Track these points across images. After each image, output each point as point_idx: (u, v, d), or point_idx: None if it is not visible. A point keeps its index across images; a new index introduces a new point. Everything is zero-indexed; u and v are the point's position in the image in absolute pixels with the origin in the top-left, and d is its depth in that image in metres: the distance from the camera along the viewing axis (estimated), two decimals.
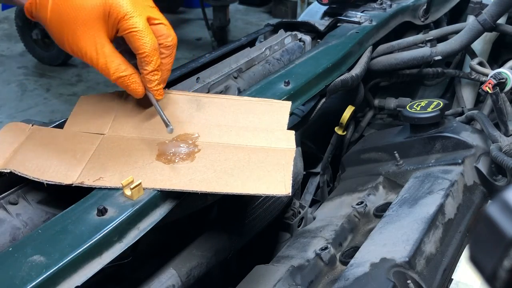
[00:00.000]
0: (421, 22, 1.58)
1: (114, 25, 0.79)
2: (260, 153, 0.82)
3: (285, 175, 0.76)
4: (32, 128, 0.86)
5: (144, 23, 0.80)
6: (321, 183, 1.45)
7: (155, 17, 0.83)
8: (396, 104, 1.55)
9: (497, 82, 1.14)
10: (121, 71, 0.81)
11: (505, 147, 1.08)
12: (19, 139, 0.84)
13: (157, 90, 0.86)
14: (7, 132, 0.85)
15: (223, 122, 0.90)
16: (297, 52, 1.34)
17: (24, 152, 0.81)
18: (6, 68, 4.06)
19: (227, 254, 0.97)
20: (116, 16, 0.78)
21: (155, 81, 0.84)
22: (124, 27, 0.79)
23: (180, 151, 0.82)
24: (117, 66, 0.80)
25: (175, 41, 0.86)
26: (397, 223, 0.99)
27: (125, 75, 0.81)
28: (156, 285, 0.83)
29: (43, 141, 0.84)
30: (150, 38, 0.80)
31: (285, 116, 0.92)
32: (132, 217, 0.70)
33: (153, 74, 0.83)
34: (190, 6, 5.19)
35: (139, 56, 0.81)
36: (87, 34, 0.78)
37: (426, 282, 0.88)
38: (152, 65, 0.82)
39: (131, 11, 0.78)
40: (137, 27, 0.79)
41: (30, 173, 0.76)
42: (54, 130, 0.88)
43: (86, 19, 0.77)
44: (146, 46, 0.80)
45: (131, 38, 0.80)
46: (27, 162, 0.78)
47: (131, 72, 0.82)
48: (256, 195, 0.78)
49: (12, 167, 0.77)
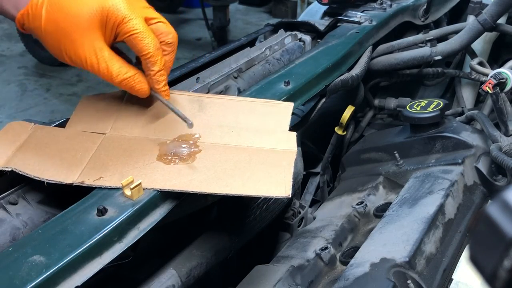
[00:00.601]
0: (421, 22, 1.58)
1: (113, 30, 0.79)
2: (261, 154, 0.82)
3: (285, 176, 0.76)
4: (34, 127, 0.86)
5: (144, 24, 0.80)
6: (321, 183, 1.45)
7: (152, 16, 0.83)
8: (396, 104, 1.54)
9: (497, 82, 1.14)
10: (124, 73, 0.80)
11: (505, 147, 1.08)
12: (21, 138, 0.84)
13: (165, 91, 0.85)
14: (10, 130, 0.85)
15: (224, 122, 0.90)
16: (297, 52, 1.34)
17: (26, 151, 0.81)
18: (6, 68, 4.06)
19: (227, 254, 0.97)
20: (114, 21, 0.78)
21: (162, 81, 0.84)
22: (125, 31, 0.79)
23: (181, 152, 0.82)
24: (119, 69, 0.80)
25: (176, 38, 0.86)
26: (397, 223, 0.99)
27: (129, 76, 0.81)
28: (156, 285, 0.83)
29: (44, 140, 0.84)
30: (152, 38, 0.80)
31: (287, 117, 0.92)
32: (132, 217, 0.70)
33: (160, 74, 0.83)
34: (190, 6, 5.19)
35: (144, 57, 0.81)
36: (85, 41, 0.77)
37: (426, 282, 0.88)
38: (158, 65, 0.82)
39: (129, 14, 0.78)
40: (137, 29, 0.78)
41: (31, 172, 0.76)
42: (56, 129, 0.88)
43: (83, 26, 0.77)
44: (150, 47, 0.80)
45: (133, 40, 0.79)
46: (28, 160, 0.78)
47: (134, 73, 0.82)
48: (256, 197, 0.78)
49: (13, 165, 0.77)
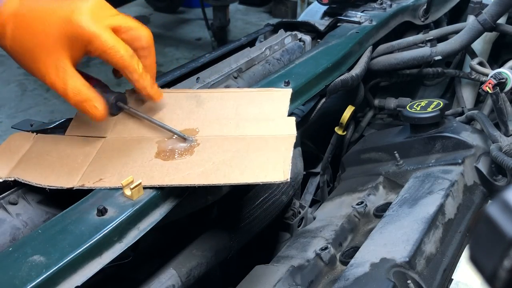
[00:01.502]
0: (421, 22, 1.58)
1: (82, 48, 0.76)
2: (259, 142, 0.82)
3: (284, 161, 0.76)
4: (36, 137, 0.87)
5: (113, 38, 0.77)
6: (321, 183, 1.45)
7: (120, 24, 0.80)
8: (396, 104, 1.54)
9: (497, 82, 1.14)
10: (80, 96, 0.77)
11: (505, 147, 1.08)
12: (23, 149, 0.84)
13: (154, 93, 0.85)
14: (12, 142, 0.86)
15: (222, 115, 0.90)
16: (297, 52, 1.34)
17: (28, 160, 0.82)
18: (6, 68, 4.06)
19: (227, 254, 0.97)
20: (82, 40, 0.75)
21: (146, 86, 0.83)
22: (94, 48, 0.76)
23: (179, 147, 0.82)
24: (76, 91, 0.77)
25: (150, 40, 0.83)
26: (397, 223, 0.99)
27: (83, 99, 0.77)
28: (156, 285, 0.83)
29: (46, 149, 0.84)
30: (124, 49, 0.78)
31: (285, 103, 0.92)
32: (132, 217, 0.70)
33: (142, 81, 0.82)
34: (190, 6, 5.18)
35: (120, 70, 0.80)
36: (49, 60, 0.75)
37: (426, 282, 0.88)
38: (136, 73, 0.81)
39: (96, 31, 0.75)
40: (107, 45, 0.76)
41: (33, 180, 0.77)
42: (56, 137, 0.88)
43: (48, 45, 0.75)
44: (124, 59, 0.78)
45: (106, 57, 0.77)
46: (30, 169, 0.79)
47: (88, 97, 0.78)
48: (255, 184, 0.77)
49: (16, 175, 0.78)
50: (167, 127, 0.84)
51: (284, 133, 0.84)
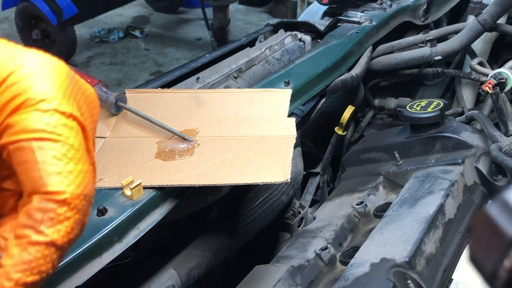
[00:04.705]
0: (421, 22, 1.58)
1: None
2: (259, 143, 0.82)
3: (284, 162, 0.76)
4: None
5: None
6: (321, 183, 1.45)
7: None
8: (396, 104, 1.55)
9: (497, 82, 1.14)
10: None
11: (505, 147, 1.08)
12: None
13: None
14: None
15: (222, 115, 0.90)
16: (297, 52, 1.34)
17: None
18: None
19: (227, 254, 0.97)
20: None
21: None
22: None
23: (179, 147, 0.82)
24: None
25: None
26: (397, 223, 0.99)
27: None
28: (156, 285, 0.83)
29: None
30: None
31: (285, 104, 0.92)
32: (132, 217, 0.70)
33: None
34: (190, 6, 5.18)
35: None
36: None
37: (426, 282, 0.88)
38: None
39: None
40: None
41: None
42: None
43: None
44: None
45: None
46: None
47: None
48: (255, 184, 0.77)
49: None
50: (167, 127, 0.84)
51: (284, 133, 0.84)
